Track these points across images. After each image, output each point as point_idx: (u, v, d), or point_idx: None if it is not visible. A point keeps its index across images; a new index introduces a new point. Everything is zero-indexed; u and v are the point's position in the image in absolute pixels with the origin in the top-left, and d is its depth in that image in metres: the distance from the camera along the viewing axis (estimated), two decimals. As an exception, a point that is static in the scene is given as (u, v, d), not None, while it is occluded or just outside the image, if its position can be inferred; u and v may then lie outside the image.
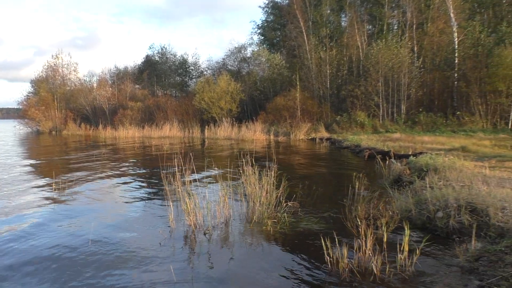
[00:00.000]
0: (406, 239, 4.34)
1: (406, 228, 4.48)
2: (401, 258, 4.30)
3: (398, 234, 4.91)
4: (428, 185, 6.99)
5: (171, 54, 49.05)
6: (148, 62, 49.68)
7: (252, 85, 36.60)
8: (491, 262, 4.21)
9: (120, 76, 48.68)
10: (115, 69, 50.86)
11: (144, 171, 13.01)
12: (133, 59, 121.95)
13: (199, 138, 30.89)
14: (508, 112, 24.68)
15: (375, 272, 4.13)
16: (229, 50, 42.46)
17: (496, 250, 4.42)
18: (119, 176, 11.81)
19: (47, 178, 11.14)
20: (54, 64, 47.97)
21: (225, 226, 6.15)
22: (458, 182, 7.14)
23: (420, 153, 12.32)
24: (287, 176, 7.67)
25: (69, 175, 11.72)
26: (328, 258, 4.44)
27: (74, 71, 49.41)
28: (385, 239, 4.62)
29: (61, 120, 45.69)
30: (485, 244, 4.77)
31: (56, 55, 48.00)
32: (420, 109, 27.86)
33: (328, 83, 31.70)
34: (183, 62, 48.35)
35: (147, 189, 9.61)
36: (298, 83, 30.78)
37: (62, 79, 48.63)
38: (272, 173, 6.99)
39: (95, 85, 48.08)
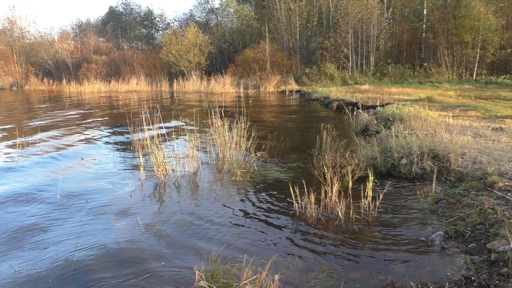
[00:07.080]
0: (369, 185, 4.48)
1: (369, 175, 4.62)
2: (364, 203, 4.46)
3: (364, 181, 5.05)
4: (393, 134, 7.17)
5: (135, 5, 47.32)
6: (112, 13, 47.66)
7: (221, 37, 35.77)
8: (450, 204, 4.42)
9: (83, 28, 46.59)
10: (77, 21, 48.62)
11: (111, 125, 12.73)
12: (95, 10, 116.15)
13: (167, 92, 30.36)
14: (473, 63, 25.23)
15: (340, 216, 4.27)
16: (197, 1, 41.28)
17: (454, 193, 4.64)
18: (87, 131, 11.50)
19: (9, 134, 10.75)
20: (12, 16, 45.41)
21: (195, 177, 6.15)
22: (422, 131, 7.34)
23: (388, 104, 12.51)
24: (256, 128, 7.70)
25: (33, 130, 11.35)
26: (296, 204, 4.55)
27: (34, 23, 47.11)
28: (350, 186, 4.75)
29: (22, 75, 43.64)
30: (445, 188, 4.99)
31: (12, 6, 45.43)
32: (389, 61, 28.14)
33: (298, 35, 31.33)
34: (149, 14, 46.68)
35: (116, 143, 9.41)
36: (267, 35, 30.28)
37: (20, 31, 46.17)
38: (241, 124, 6.99)
39: (56, 38, 45.94)
